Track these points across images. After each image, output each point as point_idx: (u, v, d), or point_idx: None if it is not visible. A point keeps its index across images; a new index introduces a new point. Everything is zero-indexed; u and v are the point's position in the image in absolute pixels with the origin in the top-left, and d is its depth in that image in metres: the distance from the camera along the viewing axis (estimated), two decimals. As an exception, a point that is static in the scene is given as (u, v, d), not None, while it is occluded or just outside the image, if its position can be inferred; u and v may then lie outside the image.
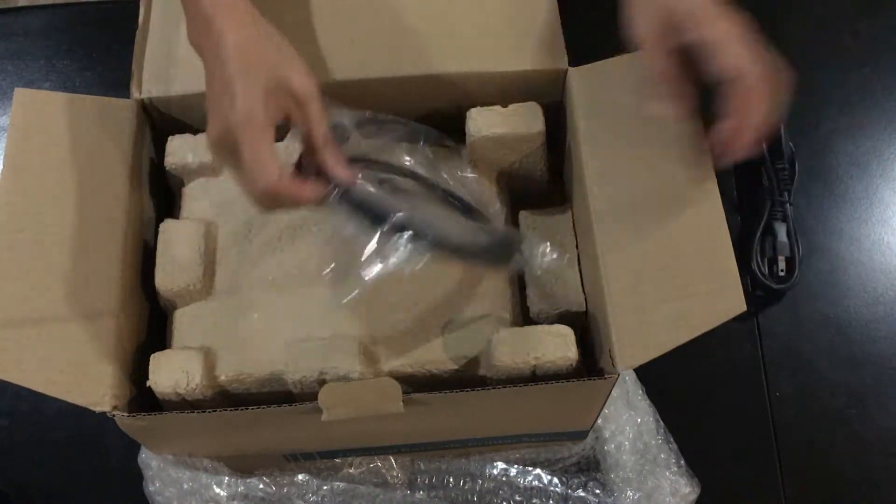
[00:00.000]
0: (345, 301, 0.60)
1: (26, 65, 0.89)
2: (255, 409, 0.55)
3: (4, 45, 0.90)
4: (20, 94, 0.62)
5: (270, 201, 0.54)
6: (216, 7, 0.54)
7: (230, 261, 0.64)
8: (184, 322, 0.63)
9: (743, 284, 0.55)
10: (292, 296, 0.63)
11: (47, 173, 0.61)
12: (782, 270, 0.78)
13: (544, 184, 0.70)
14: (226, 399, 0.61)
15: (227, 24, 0.54)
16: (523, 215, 0.67)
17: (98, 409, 0.55)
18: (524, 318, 0.64)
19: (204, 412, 0.57)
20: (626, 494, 0.70)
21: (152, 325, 0.64)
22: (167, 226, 0.64)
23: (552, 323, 0.60)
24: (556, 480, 0.71)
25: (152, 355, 0.59)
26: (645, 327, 0.55)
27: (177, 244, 0.63)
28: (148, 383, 0.58)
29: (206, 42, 0.54)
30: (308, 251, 0.65)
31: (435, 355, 0.61)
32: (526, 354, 0.57)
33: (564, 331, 0.58)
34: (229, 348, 0.61)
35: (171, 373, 0.58)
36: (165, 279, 0.62)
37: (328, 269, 0.62)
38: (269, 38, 0.56)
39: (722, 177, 0.58)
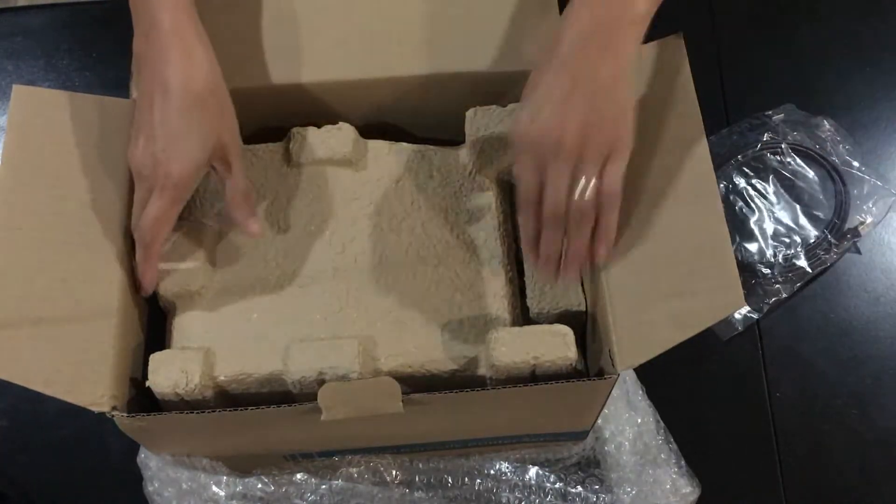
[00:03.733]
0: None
1: (26, 64, 0.89)
2: (254, 410, 0.55)
3: (4, 44, 0.90)
4: (18, 91, 0.62)
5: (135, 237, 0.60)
6: (173, 32, 0.56)
7: (230, 261, 0.64)
8: (183, 322, 0.63)
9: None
10: (292, 296, 0.63)
11: (46, 172, 0.60)
12: (782, 270, 0.78)
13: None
14: (225, 399, 0.61)
15: (178, 57, 0.56)
16: (523, 216, 0.67)
17: (97, 409, 0.55)
18: (524, 318, 0.64)
19: (203, 412, 0.57)
20: (624, 492, 0.70)
21: (152, 325, 0.64)
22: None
23: (552, 323, 0.60)
24: (553, 477, 0.71)
25: (151, 356, 0.59)
26: (645, 326, 0.55)
27: (176, 244, 0.63)
28: (147, 383, 0.58)
29: (153, 61, 0.56)
30: (306, 252, 0.64)
31: (435, 355, 0.61)
32: (525, 354, 0.57)
33: (564, 330, 0.58)
34: (228, 348, 0.61)
35: (169, 373, 0.57)
36: (165, 280, 0.62)
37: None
38: (214, 91, 0.58)
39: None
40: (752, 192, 0.81)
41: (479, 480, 0.71)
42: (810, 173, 0.81)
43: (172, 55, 0.56)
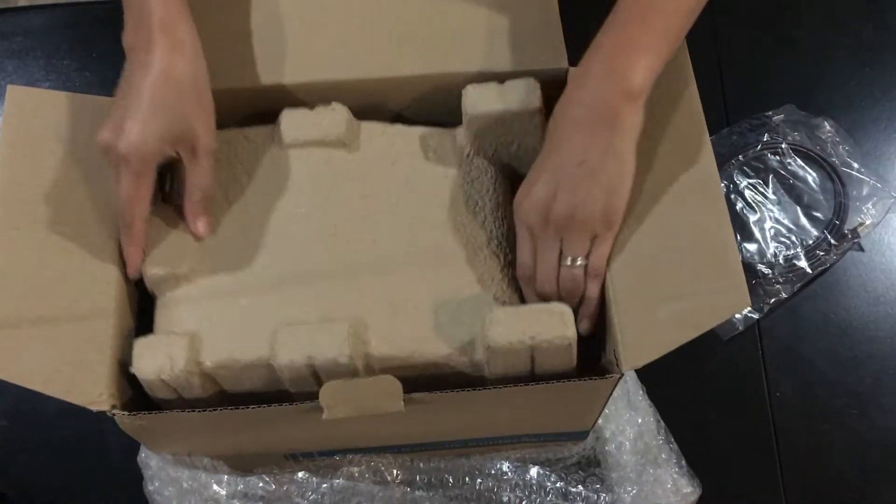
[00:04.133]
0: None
1: (26, 64, 0.89)
2: (255, 409, 0.55)
3: (4, 44, 0.90)
4: (13, 91, 0.62)
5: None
6: (162, 25, 0.56)
7: (218, 244, 0.63)
8: (169, 307, 0.61)
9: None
10: (282, 280, 0.61)
11: (44, 171, 0.60)
12: (782, 270, 0.78)
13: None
14: (214, 386, 0.60)
15: (165, 46, 0.56)
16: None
17: (96, 408, 0.55)
18: (521, 302, 0.63)
19: (204, 411, 0.57)
20: (625, 491, 0.70)
21: (151, 324, 0.64)
22: (154, 209, 0.62)
23: None
24: (554, 477, 0.71)
25: (135, 340, 0.57)
26: (649, 327, 0.55)
27: (163, 227, 0.62)
28: (131, 369, 0.56)
29: (140, 51, 0.56)
30: (297, 235, 0.63)
31: (429, 339, 0.59)
32: (521, 333, 0.55)
33: (562, 308, 0.56)
34: (216, 334, 0.59)
35: (154, 358, 0.56)
36: (151, 264, 0.61)
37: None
38: (195, 82, 0.58)
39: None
40: (752, 193, 0.81)
41: (479, 480, 0.71)
42: (810, 174, 0.81)
43: (160, 44, 0.55)
